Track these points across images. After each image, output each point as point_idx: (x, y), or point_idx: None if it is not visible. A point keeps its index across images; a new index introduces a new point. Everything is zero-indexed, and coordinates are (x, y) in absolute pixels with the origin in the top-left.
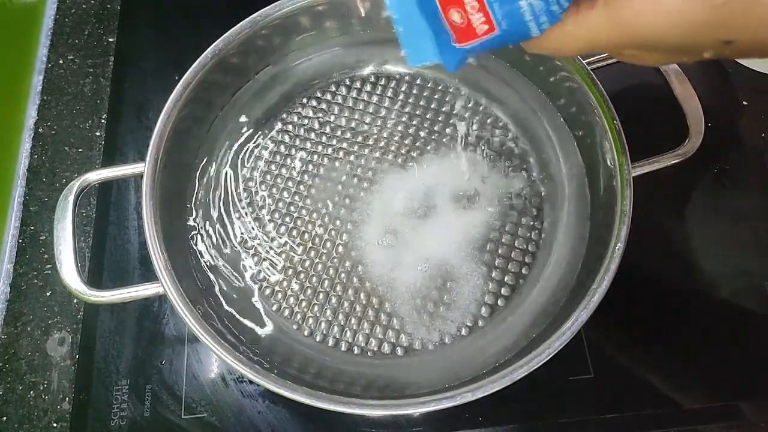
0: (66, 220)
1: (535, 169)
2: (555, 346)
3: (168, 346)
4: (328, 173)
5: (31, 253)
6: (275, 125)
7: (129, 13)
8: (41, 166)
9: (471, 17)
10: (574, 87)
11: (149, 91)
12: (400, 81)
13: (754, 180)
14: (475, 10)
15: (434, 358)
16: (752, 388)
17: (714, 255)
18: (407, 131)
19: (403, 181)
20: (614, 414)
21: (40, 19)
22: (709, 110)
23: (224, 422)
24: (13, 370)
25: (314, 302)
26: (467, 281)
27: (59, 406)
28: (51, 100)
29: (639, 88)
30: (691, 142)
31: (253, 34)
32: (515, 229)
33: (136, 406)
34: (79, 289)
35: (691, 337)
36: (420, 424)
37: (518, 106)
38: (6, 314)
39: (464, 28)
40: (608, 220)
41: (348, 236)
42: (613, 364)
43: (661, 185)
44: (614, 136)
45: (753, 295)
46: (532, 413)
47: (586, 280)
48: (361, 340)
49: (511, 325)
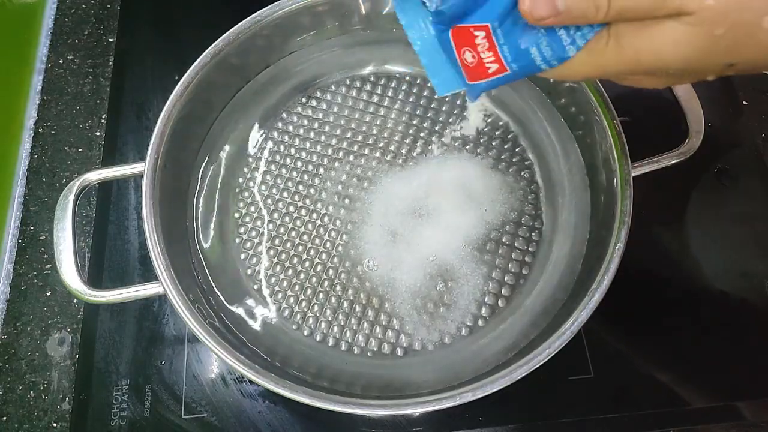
0: (66, 220)
1: (535, 169)
2: (555, 346)
3: (168, 346)
4: (328, 173)
5: (31, 253)
6: (275, 125)
7: (129, 13)
8: (41, 166)
9: (482, 56)
10: (574, 87)
11: (149, 91)
12: (400, 81)
13: (754, 180)
14: (485, 50)
15: (434, 358)
16: (752, 388)
17: (714, 255)
18: (407, 131)
19: (403, 181)
20: (614, 414)
21: (40, 19)
22: (709, 110)
23: (224, 422)
24: (13, 370)
25: (314, 302)
26: (467, 281)
27: (59, 406)
28: (51, 100)
29: (639, 89)
30: (691, 142)
31: (253, 34)
32: (515, 229)
33: (136, 406)
34: (79, 289)
35: (691, 336)
36: (420, 424)
37: (518, 105)
38: (6, 314)
39: (475, 67)
40: (608, 220)
41: (348, 236)
42: (613, 364)
43: (661, 185)
44: (614, 136)
45: (753, 295)
46: (532, 413)
47: (586, 280)
48: (361, 340)
49: (511, 325)
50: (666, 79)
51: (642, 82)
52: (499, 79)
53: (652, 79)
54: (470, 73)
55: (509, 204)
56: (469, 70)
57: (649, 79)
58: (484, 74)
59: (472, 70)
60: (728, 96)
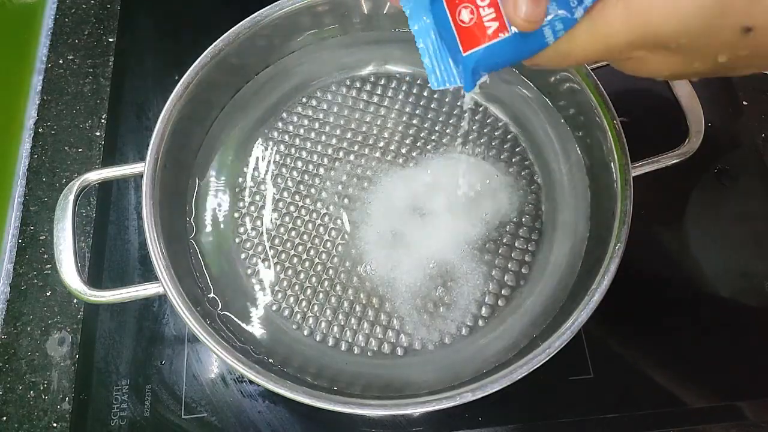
0: (66, 220)
1: (535, 169)
2: (555, 346)
3: (168, 346)
4: (328, 173)
5: (31, 253)
6: (275, 125)
7: (129, 13)
8: (41, 166)
9: (481, 12)
10: (575, 87)
11: (149, 91)
12: (400, 81)
13: (754, 180)
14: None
15: (434, 358)
16: (752, 388)
17: (714, 255)
18: (407, 131)
19: (403, 181)
20: (614, 414)
21: (40, 19)
22: (709, 110)
23: (224, 422)
24: (13, 370)
25: (314, 302)
26: (467, 281)
27: (59, 406)
28: (51, 100)
29: (639, 88)
30: (691, 142)
31: (253, 34)
32: (515, 229)
33: (136, 406)
34: (79, 289)
35: (691, 336)
36: (420, 424)
37: (518, 106)
38: (6, 314)
39: (473, 27)
40: (608, 220)
41: (348, 236)
42: (613, 364)
43: (661, 185)
44: (614, 136)
45: (753, 295)
46: (532, 413)
47: (586, 279)
48: (361, 340)
49: (511, 325)
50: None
51: (647, 62)
52: (496, 46)
53: (657, 57)
54: (466, 39)
55: (509, 204)
56: (465, 34)
57: (655, 58)
58: (482, 36)
59: (469, 34)
60: (728, 96)
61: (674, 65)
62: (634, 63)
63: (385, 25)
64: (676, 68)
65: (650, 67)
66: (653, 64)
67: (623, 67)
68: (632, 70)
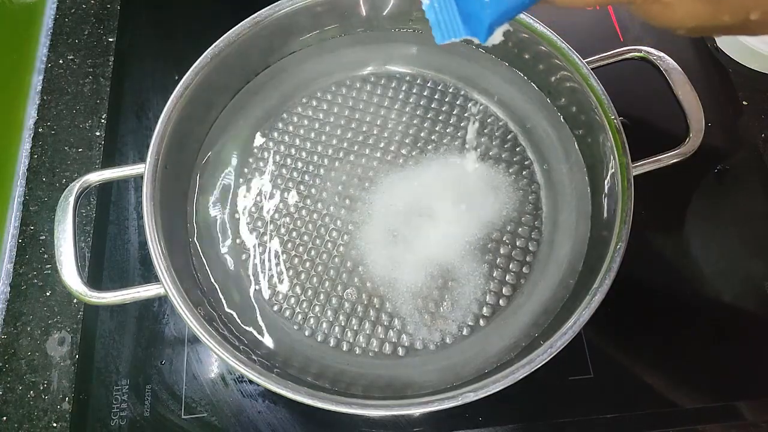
0: (66, 221)
1: (536, 168)
2: (557, 346)
3: (168, 346)
4: (328, 173)
5: (31, 253)
6: (275, 125)
7: (129, 13)
8: (41, 166)
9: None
10: (575, 87)
11: (149, 91)
12: (400, 81)
13: (754, 180)
14: None
15: (435, 358)
16: (752, 388)
17: (714, 255)
18: (407, 131)
19: (404, 181)
20: (614, 414)
21: (40, 19)
22: (709, 110)
23: (224, 422)
24: (13, 370)
25: (315, 303)
26: (468, 281)
27: (59, 406)
28: (51, 100)
29: (639, 88)
30: (691, 141)
31: (253, 35)
32: (516, 228)
33: (136, 406)
34: (80, 290)
35: (691, 336)
36: (420, 424)
37: (518, 106)
38: (6, 314)
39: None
40: (609, 220)
41: (349, 237)
42: (613, 364)
43: (661, 185)
44: (614, 136)
45: (753, 295)
46: (532, 413)
47: (587, 279)
48: (362, 341)
49: (512, 325)
50: (702, 8)
51: (674, 8)
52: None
53: (686, 2)
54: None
55: (510, 204)
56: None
57: (683, 4)
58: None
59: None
60: (728, 96)
61: (703, 14)
62: (659, 8)
63: (385, 25)
64: (704, 19)
65: (676, 14)
66: (680, 12)
67: (647, 12)
68: (654, 17)
